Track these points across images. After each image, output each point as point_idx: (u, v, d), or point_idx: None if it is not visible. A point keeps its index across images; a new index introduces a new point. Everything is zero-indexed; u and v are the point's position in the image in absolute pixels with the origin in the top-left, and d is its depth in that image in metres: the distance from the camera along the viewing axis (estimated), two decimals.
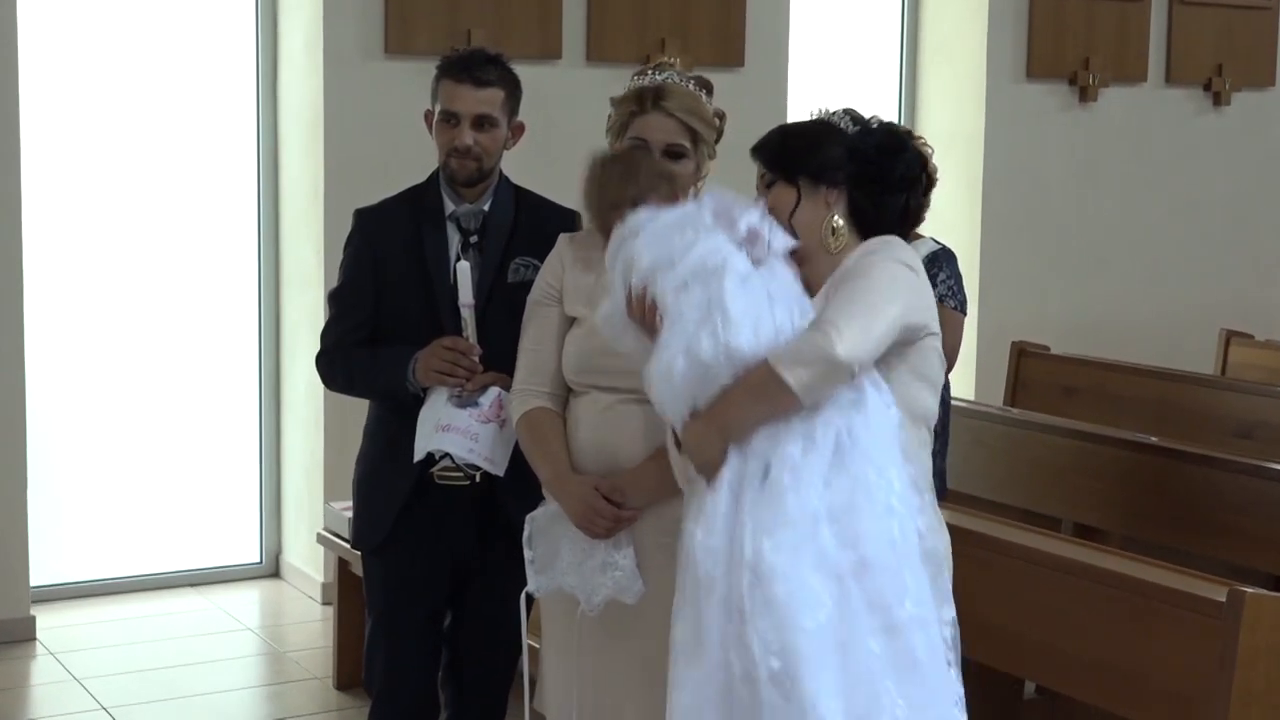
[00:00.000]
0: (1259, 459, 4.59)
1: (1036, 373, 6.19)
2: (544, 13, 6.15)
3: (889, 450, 2.67)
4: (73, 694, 5.05)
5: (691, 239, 2.73)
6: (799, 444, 2.63)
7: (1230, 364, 6.76)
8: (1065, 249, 7.58)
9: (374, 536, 3.57)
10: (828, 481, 2.62)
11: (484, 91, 3.48)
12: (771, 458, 2.63)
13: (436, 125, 3.52)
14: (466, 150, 3.47)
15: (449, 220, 3.53)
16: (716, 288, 2.67)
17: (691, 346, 2.66)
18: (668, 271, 2.72)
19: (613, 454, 3.08)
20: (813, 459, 2.63)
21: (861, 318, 2.65)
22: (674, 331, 2.69)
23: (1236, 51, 7.93)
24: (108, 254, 6.11)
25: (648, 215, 2.81)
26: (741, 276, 2.69)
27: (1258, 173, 8.10)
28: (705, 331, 2.65)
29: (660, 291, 2.72)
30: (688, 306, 2.68)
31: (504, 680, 3.66)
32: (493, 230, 3.52)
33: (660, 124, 3.12)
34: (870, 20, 7.48)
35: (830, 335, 2.60)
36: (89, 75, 6.02)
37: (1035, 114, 7.42)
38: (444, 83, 3.51)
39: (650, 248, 2.76)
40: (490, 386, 3.36)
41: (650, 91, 3.14)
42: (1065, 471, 4.86)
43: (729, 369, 2.65)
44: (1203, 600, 2.96)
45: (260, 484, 6.34)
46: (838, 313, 2.65)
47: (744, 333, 2.64)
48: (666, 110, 3.12)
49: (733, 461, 2.66)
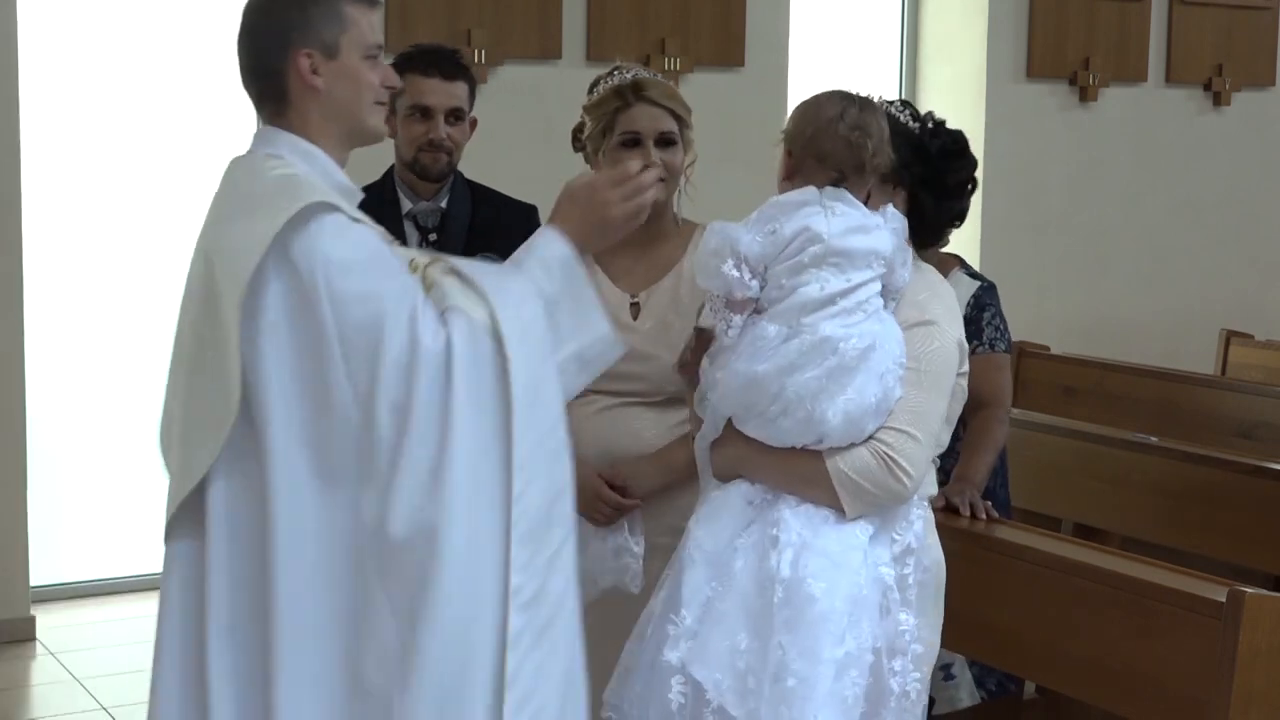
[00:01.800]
0: (1259, 459, 4.58)
1: (1036, 373, 6.18)
2: (544, 13, 6.15)
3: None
4: (73, 694, 5.05)
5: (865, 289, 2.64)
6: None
7: (1230, 364, 6.75)
8: (1065, 249, 7.58)
9: None
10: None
11: (454, 84, 3.48)
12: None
13: (404, 121, 3.48)
14: (440, 143, 3.45)
15: (406, 219, 3.50)
16: (856, 369, 2.58)
17: (787, 378, 2.60)
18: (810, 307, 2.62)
19: (613, 455, 3.08)
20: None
21: (928, 445, 2.64)
22: (778, 350, 2.62)
23: (1236, 51, 7.93)
24: (108, 254, 6.11)
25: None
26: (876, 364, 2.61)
27: (1258, 173, 8.10)
28: (810, 377, 2.58)
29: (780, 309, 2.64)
30: (815, 350, 2.61)
31: None
32: (451, 227, 3.49)
33: (649, 114, 3.13)
34: (870, 20, 7.48)
35: (905, 484, 2.59)
36: (89, 75, 6.02)
37: (1035, 114, 7.42)
38: (410, 77, 3.46)
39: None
40: None
41: (628, 86, 3.16)
42: (1065, 471, 4.86)
43: (793, 414, 2.61)
44: (1203, 600, 2.95)
45: None
46: (909, 444, 2.59)
47: (837, 406, 2.59)
48: (651, 99, 3.13)
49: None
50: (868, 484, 2.58)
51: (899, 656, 2.61)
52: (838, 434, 2.58)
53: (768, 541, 2.59)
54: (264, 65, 2.49)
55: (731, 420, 2.69)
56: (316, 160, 2.45)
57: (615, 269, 3.21)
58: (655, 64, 6.30)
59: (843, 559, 2.57)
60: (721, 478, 2.73)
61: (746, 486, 2.68)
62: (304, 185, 2.37)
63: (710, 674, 2.54)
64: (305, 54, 2.44)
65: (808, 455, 2.61)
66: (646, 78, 3.19)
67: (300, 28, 2.44)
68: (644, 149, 3.10)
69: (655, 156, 3.07)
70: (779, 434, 2.62)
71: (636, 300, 3.18)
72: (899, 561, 2.64)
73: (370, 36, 2.48)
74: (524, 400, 2.30)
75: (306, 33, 2.44)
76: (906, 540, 2.65)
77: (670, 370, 3.08)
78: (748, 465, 2.68)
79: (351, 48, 2.45)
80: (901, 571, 2.64)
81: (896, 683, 2.60)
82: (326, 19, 2.44)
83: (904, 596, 2.63)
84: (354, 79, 2.46)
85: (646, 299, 3.18)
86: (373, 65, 2.49)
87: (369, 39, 2.47)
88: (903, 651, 2.61)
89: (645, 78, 3.19)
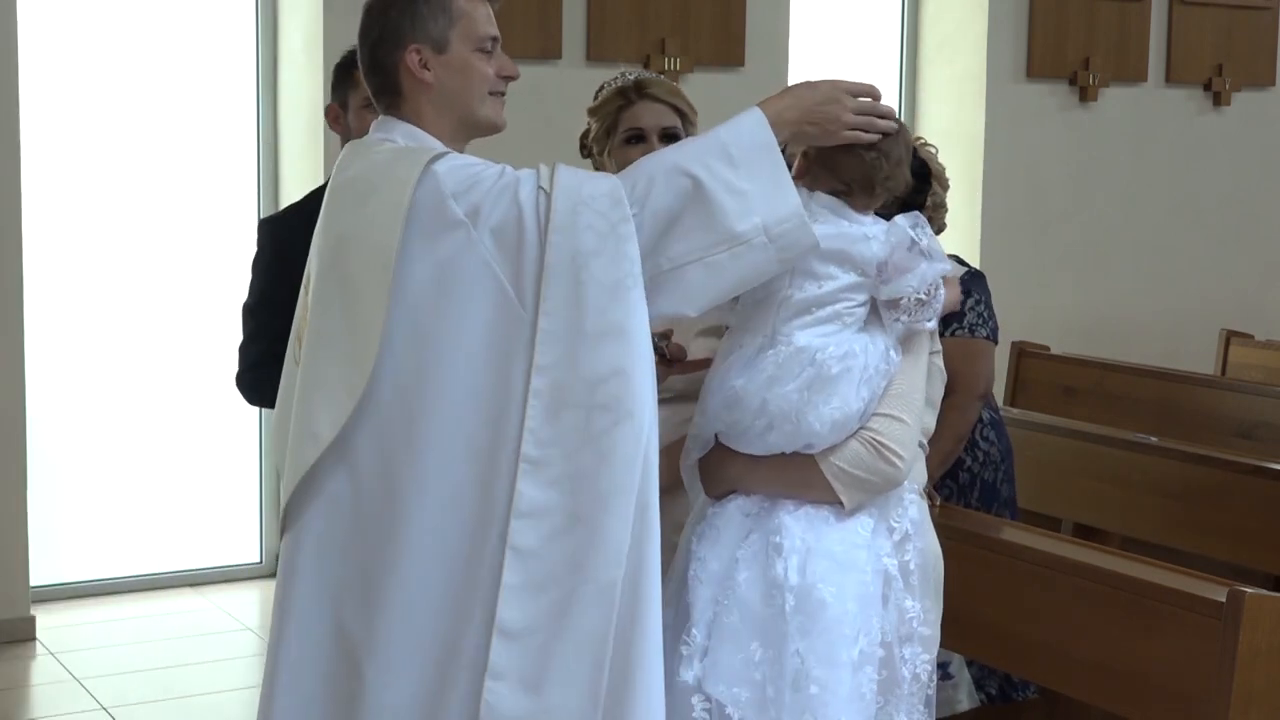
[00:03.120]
0: (1259, 459, 4.58)
1: (1036, 373, 6.18)
2: (544, 13, 6.15)
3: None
4: (73, 694, 5.05)
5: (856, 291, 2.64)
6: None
7: (1230, 364, 6.75)
8: (1065, 249, 7.58)
9: None
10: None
11: None
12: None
13: (357, 114, 3.46)
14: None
15: None
16: (838, 378, 2.58)
17: (767, 393, 2.60)
18: (805, 310, 2.63)
19: None
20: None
21: (915, 425, 2.64)
22: (755, 362, 2.63)
23: (1236, 51, 7.93)
24: (108, 254, 6.11)
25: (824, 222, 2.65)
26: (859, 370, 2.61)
27: (1258, 173, 8.10)
28: (791, 390, 2.58)
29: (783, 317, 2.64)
30: (791, 361, 2.61)
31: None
32: None
33: (651, 109, 3.14)
34: (870, 20, 7.48)
35: (898, 466, 2.59)
36: (89, 75, 6.02)
37: (1035, 114, 7.42)
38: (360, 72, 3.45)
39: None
40: None
41: (630, 85, 3.18)
42: (1065, 471, 4.86)
43: (780, 428, 2.60)
44: (1203, 600, 2.95)
45: (260, 484, 6.35)
46: (896, 427, 2.60)
47: (823, 416, 2.58)
48: (654, 96, 3.15)
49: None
50: (862, 473, 2.59)
51: (908, 643, 2.62)
52: (826, 440, 2.59)
53: (770, 549, 2.59)
54: (379, 62, 2.57)
55: (718, 437, 2.70)
56: (425, 141, 2.53)
57: None
58: (655, 64, 6.30)
59: (847, 559, 2.57)
60: (714, 495, 2.73)
61: (742, 499, 2.68)
62: (411, 150, 2.47)
63: (728, 689, 2.54)
64: (415, 49, 2.52)
65: (799, 459, 2.62)
66: (649, 77, 3.22)
67: (410, 24, 2.53)
68: (648, 145, 3.10)
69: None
70: (767, 446, 2.63)
71: None
72: (899, 549, 2.65)
73: (482, 29, 2.57)
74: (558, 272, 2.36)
75: (416, 29, 2.53)
76: (904, 527, 2.66)
77: (678, 367, 3.08)
78: (742, 480, 2.68)
79: (462, 41, 2.55)
80: (902, 559, 2.65)
81: (908, 669, 2.62)
82: (435, 14, 2.53)
83: (906, 583, 2.64)
84: (464, 71, 2.55)
85: None
86: (485, 57, 2.57)
87: (480, 31, 2.57)
88: (910, 637, 2.63)
89: (648, 77, 3.22)
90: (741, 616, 2.58)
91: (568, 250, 2.36)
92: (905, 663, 2.62)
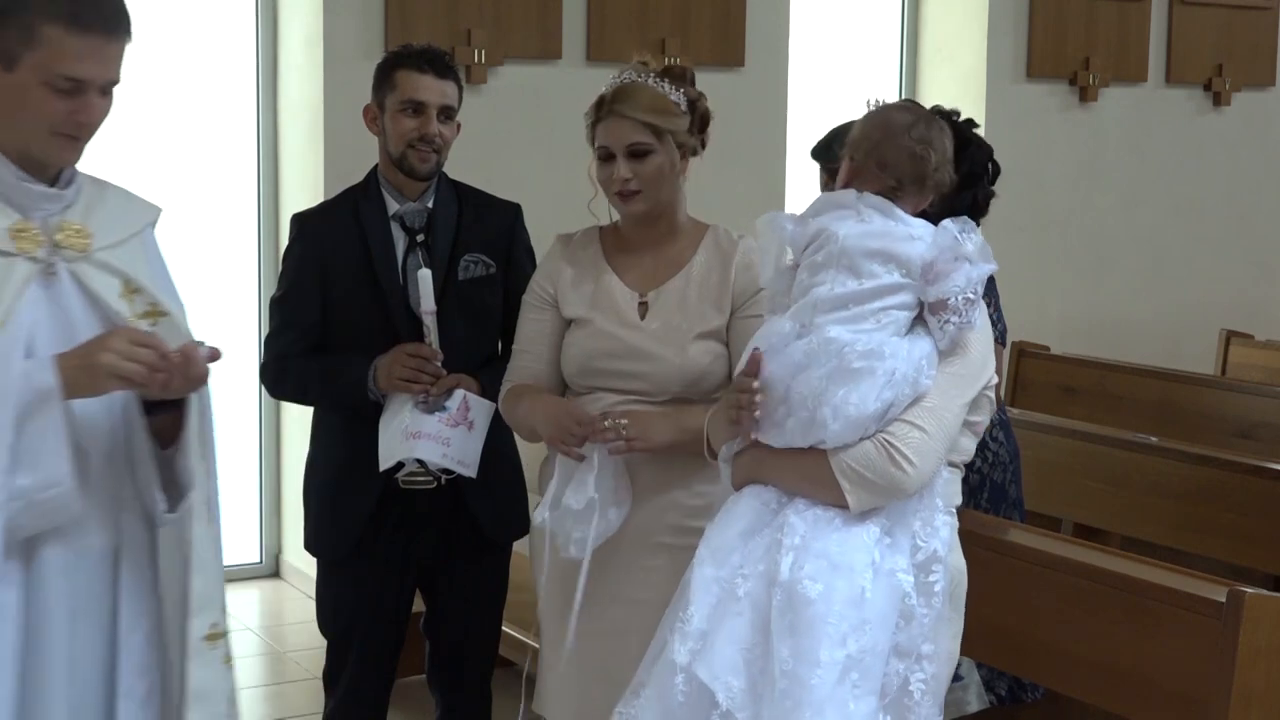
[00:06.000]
0: (1259, 459, 4.58)
1: (1036, 373, 6.19)
2: (544, 13, 6.15)
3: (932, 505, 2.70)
4: None
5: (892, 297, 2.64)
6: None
7: (1230, 364, 6.75)
8: (1065, 249, 7.58)
9: (341, 547, 3.54)
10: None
11: (446, 83, 3.48)
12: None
13: (394, 116, 3.46)
14: (432, 140, 3.44)
15: (392, 220, 3.49)
16: (860, 373, 2.58)
17: (792, 379, 2.61)
18: (842, 311, 2.63)
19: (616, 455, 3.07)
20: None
21: (938, 440, 2.61)
22: (787, 349, 2.64)
23: (1236, 51, 7.93)
24: None
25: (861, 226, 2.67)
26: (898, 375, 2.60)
27: (1258, 173, 8.10)
28: (815, 377, 2.59)
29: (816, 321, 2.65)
30: (819, 350, 2.61)
31: (488, 667, 3.66)
32: (438, 228, 3.48)
33: (616, 128, 3.13)
34: (870, 20, 7.48)
35: (908, 472, 2.57)
36: None
37: (1035, 114, 7.42)
38: (403, 73, 3.45)
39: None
40: (454, 390, 3.34)
41: (606, 99, 3.16)
42: (1065, 471, 4.86)
43: (797, 414, 2.61)
44: (1203, 600, 2.95)
45: (260, 484, 6.34)
46: (914, 434, 2.58)
47: (836, 409, 2.59)
48: (619, 114, 3.12)
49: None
50: (868, 473, 2.58)
51: (908, 658, 2.61)
52: (836, 437, 2.59)
53: (773, 546, 2.60)
54: None
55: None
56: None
57: (624, 267, 3.22)
58: (655, 64, 6.29)
59: (843, 560, 2.56)
60: (737, 486, 2.75)
61: (759, 489, 2.69)
62: None
63: (722, 679, 2.54)
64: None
65: (813, 453, 2.62)
66: (628, 86, 3.16)
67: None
68: (615, 163, 3.12)
69: (626, 169, 3.10)
70: (784, 436, 2.63)
71: (644, 300, 3.19)
72: (922, 569, 2.63)
73: (63, 66, 2.32)
74: None
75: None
76: (932, 547, 2.64)
77: (675, 369, 3.09)
78: (759, 468, 2.69)
79: (33, 68, 2.31)
80: (926, 579, 2.63)
81: (915, 685, 2.60)
82: (11, 28, 2.30)
83: (928, 603, 2.62)
84: (21, 99, 2.33)
85: (654, 299, 3.18)
86: (58, 95, 2.34)
87: (60, 67, 2.32)
88: (911, 653, 2.61)
89: (627, 86, 3.16)
90: (742, 609, 2.58)
91: None
92: (900, 676, 2.61)
